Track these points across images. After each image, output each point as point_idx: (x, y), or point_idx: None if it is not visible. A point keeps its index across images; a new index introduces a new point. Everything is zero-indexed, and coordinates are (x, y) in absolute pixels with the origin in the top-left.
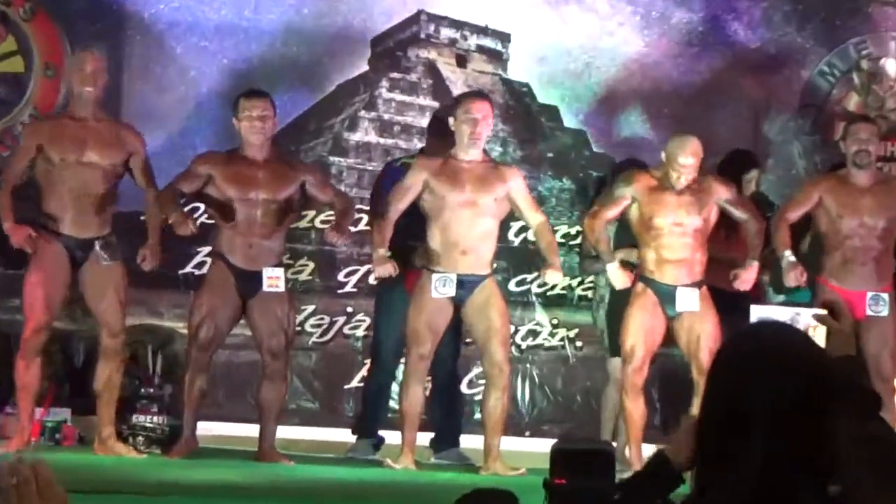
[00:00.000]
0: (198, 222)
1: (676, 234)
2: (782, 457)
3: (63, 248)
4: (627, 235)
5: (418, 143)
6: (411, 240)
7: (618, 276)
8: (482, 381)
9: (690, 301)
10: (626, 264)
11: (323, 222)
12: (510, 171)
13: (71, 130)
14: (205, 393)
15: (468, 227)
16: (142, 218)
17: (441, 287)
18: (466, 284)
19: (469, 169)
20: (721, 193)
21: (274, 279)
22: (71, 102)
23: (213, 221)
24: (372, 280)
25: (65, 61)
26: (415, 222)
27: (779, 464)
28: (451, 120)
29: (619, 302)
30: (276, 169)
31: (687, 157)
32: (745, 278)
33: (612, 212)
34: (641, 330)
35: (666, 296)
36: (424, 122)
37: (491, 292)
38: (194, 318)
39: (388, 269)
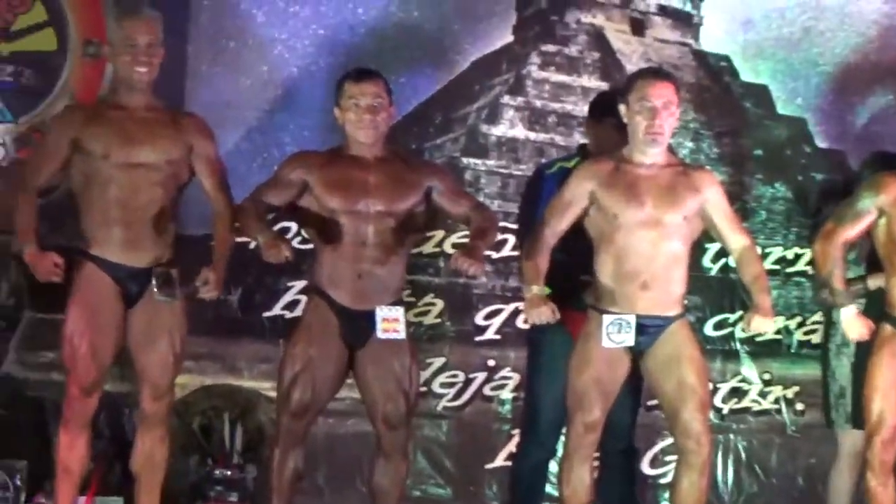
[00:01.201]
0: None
1: None
2: None
3: (112, 280)
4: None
5: (581, 139)
6: (578, 271)
7: (853, 325)
8: (670, 458)
9: None
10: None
11: (455, 246)
12: (705, 176)
13: (115, 121)
14: (300, 475)
15: (650, 254)
16: (212, 243)
17: (615, 333)
18: (649, 329)
19: (649, 176)
20: None
21: (391, 322)
22: (115, 87)
23: (308, 247)
24: (522, 324)
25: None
26: (583, 249)
27: None
28: (622, 108)
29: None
30: (392, 172)
31: None
32: None
33: (853, 231)
34: (892, 388)
35: None
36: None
37: (683, 339)
38: (286, 376)
39: (545, 314)
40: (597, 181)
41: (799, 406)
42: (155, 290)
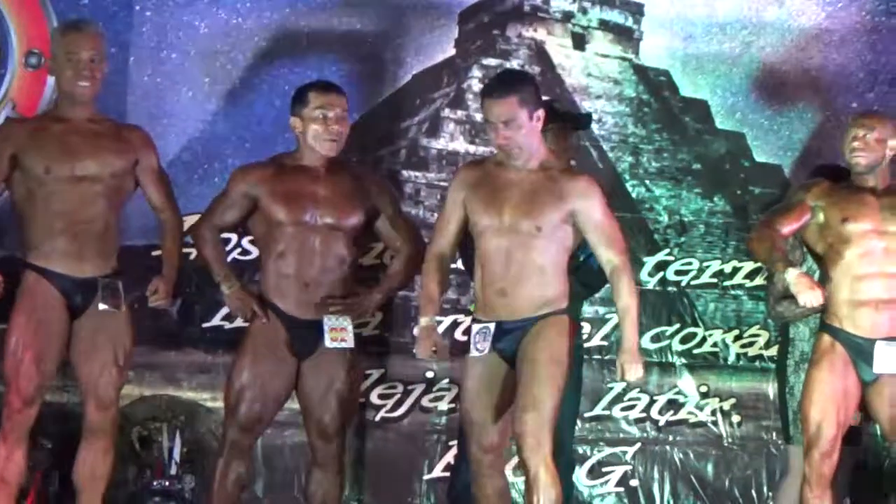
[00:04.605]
0: (230, 256)
1: (878, 255)
2: None
3: (57, 291)
4: None
5: None
6: None
7: (803, 285)
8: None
9: (893, 360)
10: None
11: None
12: (578, 184)
13: (57, 135)
14: (244, 486)
15: (505, 262)
16: (154, 253)
17: (480, 342)
18: (512, 332)
19: (516, 181)
20: None
21: (339, 331)
22: (58, 100)
23: (250, 258)
24: (461, 336)
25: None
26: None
27: None
28: None
29: None
30: (342, 184)
31: (857, 129)
32: None
33: (789, 225)
34: (831, 401)
35: (859, 352)
36: None
37: (546, 324)
38: (233, 388)
39: (427, 349)
40: (467, 189)
41: (735, 418)
42: (101, 300)
